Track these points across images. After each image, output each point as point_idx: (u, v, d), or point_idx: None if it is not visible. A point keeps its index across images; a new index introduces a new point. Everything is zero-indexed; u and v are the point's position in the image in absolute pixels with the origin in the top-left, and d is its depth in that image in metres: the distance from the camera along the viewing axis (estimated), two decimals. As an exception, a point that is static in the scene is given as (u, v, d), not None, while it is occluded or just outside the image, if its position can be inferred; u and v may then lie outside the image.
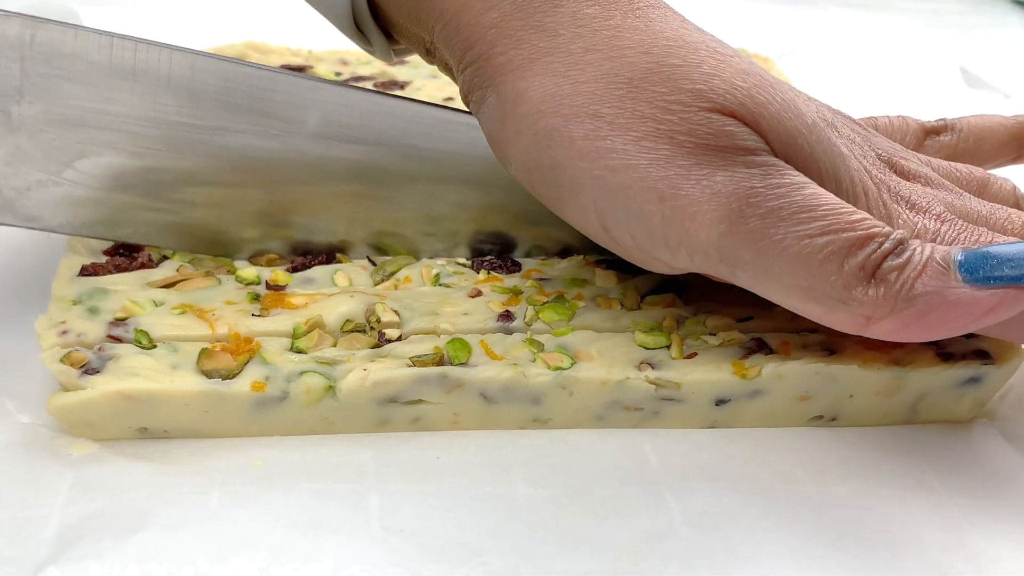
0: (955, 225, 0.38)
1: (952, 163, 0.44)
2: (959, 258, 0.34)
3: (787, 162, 0.37)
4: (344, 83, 0.42)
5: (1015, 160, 0.48)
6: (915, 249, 0.35)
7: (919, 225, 0.38)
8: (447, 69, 0.43)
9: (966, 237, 0.38)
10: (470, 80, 0.40)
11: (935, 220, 0.38)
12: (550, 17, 0.38)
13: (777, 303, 0.37)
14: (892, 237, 0.35)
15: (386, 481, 0.38)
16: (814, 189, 0.36)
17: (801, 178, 0.36)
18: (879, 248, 0.34)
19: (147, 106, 0.42)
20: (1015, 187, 0.44)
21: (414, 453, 0.39)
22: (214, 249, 0.45)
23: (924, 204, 0.39)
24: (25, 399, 0.41)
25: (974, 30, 0.87)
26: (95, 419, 0.38)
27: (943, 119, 0.47)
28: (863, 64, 0.78)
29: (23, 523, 0.36)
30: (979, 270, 0.34)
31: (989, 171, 0.45)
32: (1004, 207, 0.41)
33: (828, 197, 0.36)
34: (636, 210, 0.36)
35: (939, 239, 0.38)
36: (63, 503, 0.37)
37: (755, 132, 0.37)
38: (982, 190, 0.43)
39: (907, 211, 0.39)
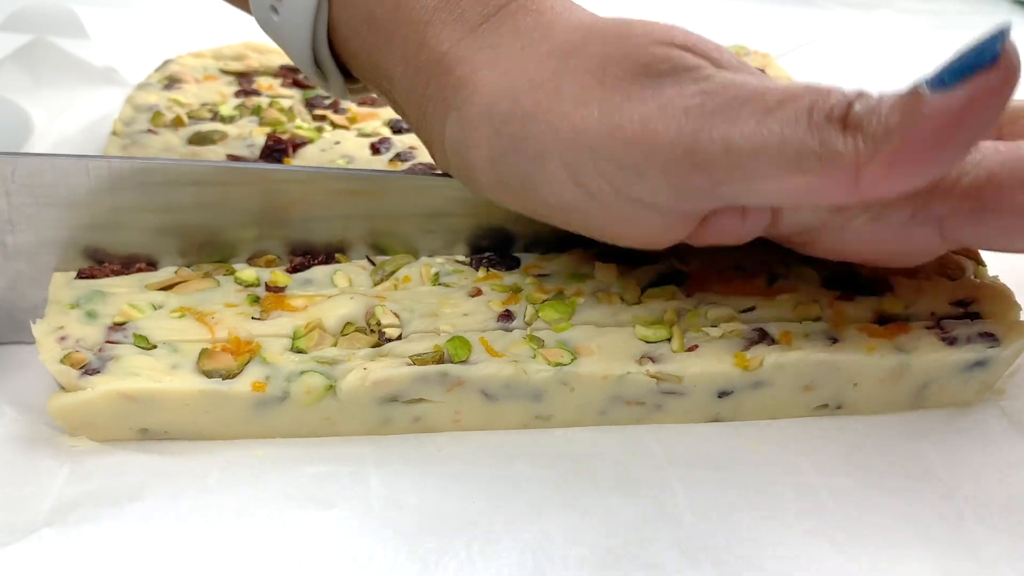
0: None
1: None
2: (921, 79, 0.32)
3: None
4: (327, 168, 0.45)
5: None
6: (876, 93, 0.33)
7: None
8: (403, 112, 0.44)
9: None
10: (432, 114, 0.41)
11: None
12: (492, 37, 0.40)
13: (765, 196, 0.35)
14: (850, 90, 0.34)
15: (387, 464, 0.39)
16: (755, 78, 0.36)
17: (743, 77, 0.36)
18: (842, 96, 0.33)
19: (130, 216, 0.43)
20: None
21: (416, 447, 0.40)
22: (210, 255, 0.45)
23: (853, 88, 0.37)
24: (23, 404, 0.41)
25: (976, 30, 0.86)
26: (95, 420, 0.38)
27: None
28: (864, 62, 0.77)
29: (20, 499, 0.36)
30: (942, 76, 0.32)
31: None
32: None
33: (773, 81, 0.35)
34: (600, 148, 0.36)
35: None
36: (61, 484, 0.37)
37: (695, 55, 0.37)
38: None
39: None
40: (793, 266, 0.44)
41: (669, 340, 0.41)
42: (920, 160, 0.33)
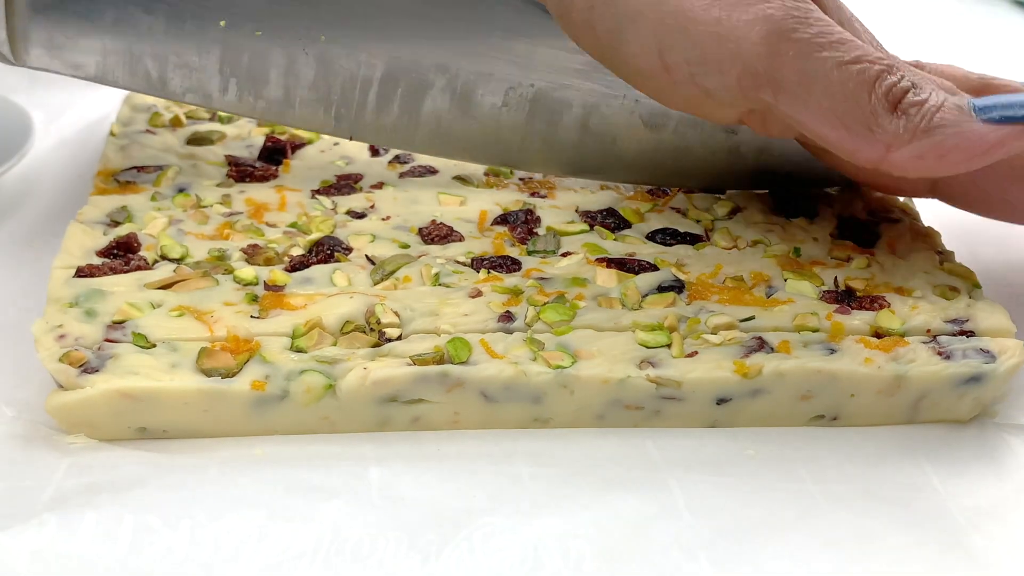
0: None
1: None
2: (972, 102, 0.39)
3: None
4: None
5: None
6: (932, 90, 0.39)
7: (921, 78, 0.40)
8: None
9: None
10: None
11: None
12: None
13: (807, 131, 0.40)
14: (908, 76, 0.39)
15: (387, 460, 0.39)
16: (844, 31, 0.39)
17: (833, 22, 0.40)
18: (901, 80, 0.38)
19: None
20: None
21: (415, 445, 0.40)
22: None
23: (917, 78, 0.41)
24: (22, 403, 0.41)
25: (973, 30, 0.87)
26: (94, 418, 0.38)
27: (917, 60, 0.50)
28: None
29: (19, 490, 0.36)
30: (990, 111, 0.38)
31: None
32: None
33: (856, 38, 0.39)
34: (693, 32, 0.39)
35: None
36: (60, 478, 0.37)
37: None
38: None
39: None
40: (790, 280, 0.44)
41: (669, 346, 0.41)
42: (942, 164, 0.38)
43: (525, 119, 0.49)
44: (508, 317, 0.41)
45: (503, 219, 0.48)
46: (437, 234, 0.47)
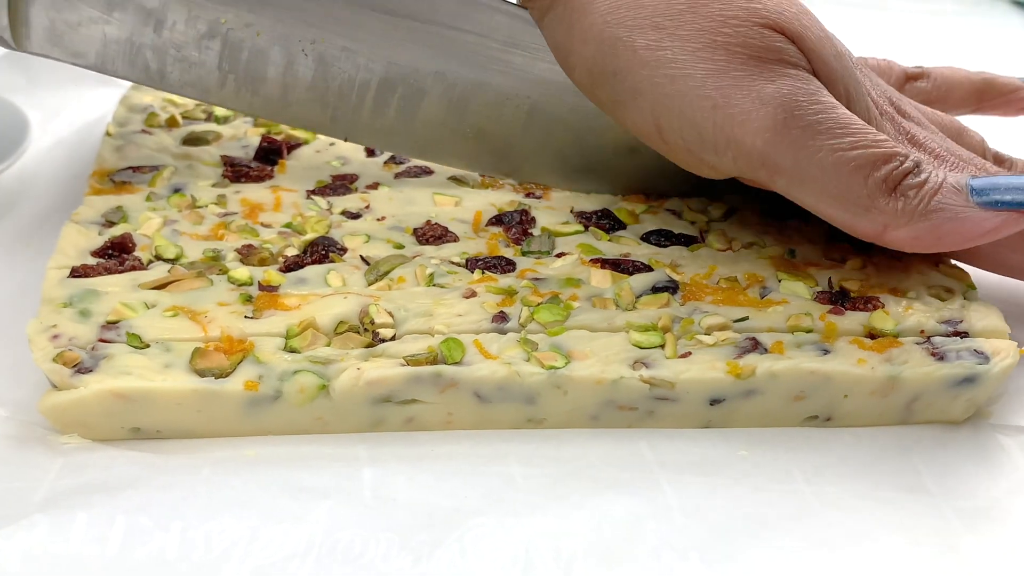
0: (949, 161, 0.42)
1: (933, 110, 0.47)
2: (971, 183, 0.39)
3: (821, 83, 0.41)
4: None
5: (975, 111, 0.53)
6: (931, 172, 0.39)
7: (922, 157, 0.41)
8: None
9: (961, 172, 0.41)
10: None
11: (932, 156, 0.42)
12: None
13: (807, 208, 0.41)
14: (911, 158, 0.39)
15: (380, 460, 0.39)
16: (844, 110, 0.40)
17: (833, 99, 0.40)
18: (900, 166, 0.39)
19: None
20: (983, 139, 0.48)
21: (408, 445, 0.40)
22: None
23: (921, 140, 0.42)
24: (14, 403, 0.41)
25: (973, 30, 0.87)
26: (88, 419, 0.38)
27: (920, 67, 0.52)
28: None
29: (11, 492, 0.36)
30: (988, 194, 0.39)
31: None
32: (980, 158, 0.44)
33: (856, 118, 0.40)
34: (690, 116, 0.40)
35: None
36: (53, 478, 0.37)
37: (800, 51, 0.40)
38: (958, 138, 0.46)
39: (909, 145, 0.43)
40: (784, 280, 0.44)
41: (662, 347, 0.41)
42: (939, 244, 0.40)
43: (520, 131, 0.49)
44: (502, 317, 0.41)
45: (498, 219, 0.48)
46: (432, 234, 0.47)
